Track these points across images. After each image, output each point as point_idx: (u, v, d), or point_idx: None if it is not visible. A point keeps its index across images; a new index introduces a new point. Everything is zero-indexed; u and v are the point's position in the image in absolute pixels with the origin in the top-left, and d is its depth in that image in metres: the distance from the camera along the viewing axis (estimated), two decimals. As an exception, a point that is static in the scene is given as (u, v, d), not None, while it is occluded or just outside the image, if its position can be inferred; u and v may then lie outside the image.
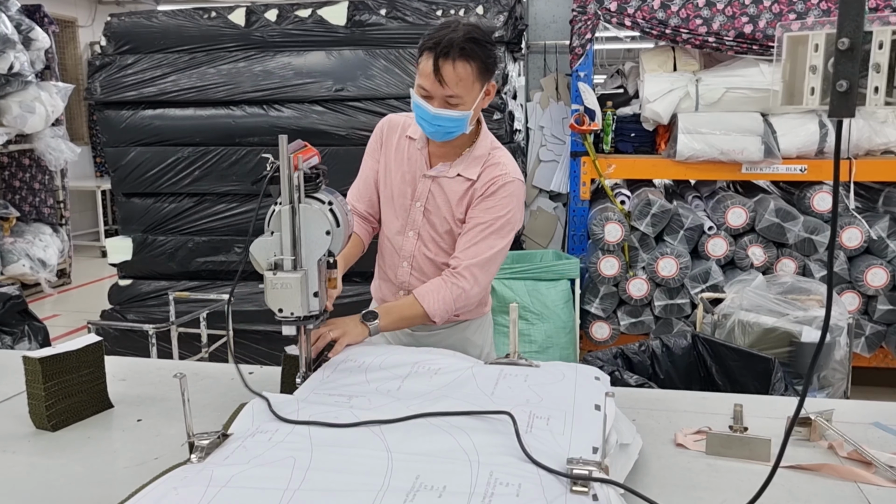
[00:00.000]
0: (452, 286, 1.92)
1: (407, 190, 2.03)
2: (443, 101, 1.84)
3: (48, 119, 6.70)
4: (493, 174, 1.96)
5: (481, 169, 1.97)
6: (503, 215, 1.95)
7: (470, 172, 1.97)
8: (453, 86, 1.81)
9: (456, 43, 1.78)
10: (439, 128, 1.88)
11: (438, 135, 1.91)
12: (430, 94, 1.85)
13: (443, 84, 1.81)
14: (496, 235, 1.95)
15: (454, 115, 1.85)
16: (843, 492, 1.33)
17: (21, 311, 3.78)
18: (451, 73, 1.80)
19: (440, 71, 1.80)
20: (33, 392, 1.63)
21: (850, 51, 0.85)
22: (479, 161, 1.98)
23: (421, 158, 2.02)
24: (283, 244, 1.55)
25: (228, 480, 1.18)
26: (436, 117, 1.86)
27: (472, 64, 1.81)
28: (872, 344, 4.28)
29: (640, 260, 4.34)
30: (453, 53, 1.78)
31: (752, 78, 4.14)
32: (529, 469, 1.20)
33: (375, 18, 4.45)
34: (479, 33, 1.84)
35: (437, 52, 1.79)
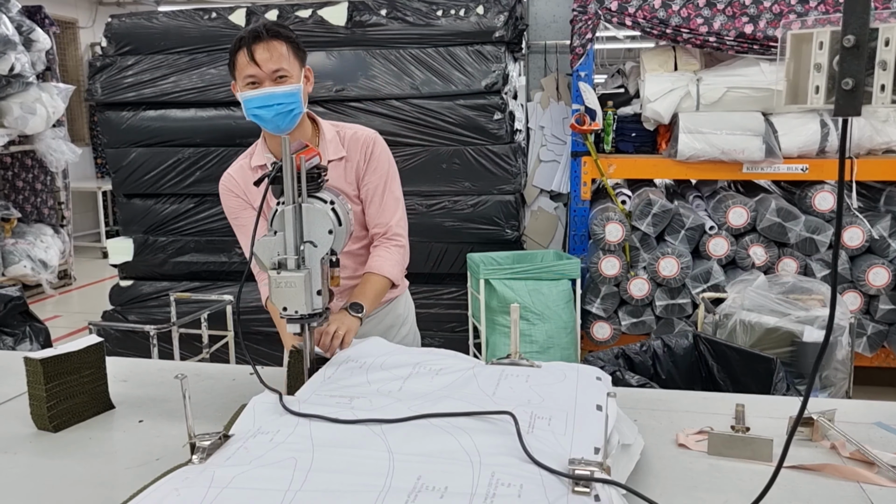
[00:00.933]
0: (396, 248, 2.09)
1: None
2: (272, 80, 1.90)
3: (49, 120, 6.70)
4: (360, 142, 2.07)
5: (343, 144, 2.07)
6: (388, 167, 2.10)
7: (337, 153, 2.05)
8: (275, 61, 1.89)
9: (262, 27, 1.90)
10: (279, 107, 1.91)
11: (281, 118, 1.93)
12: (257, 78, 1.90)
13: (263, 63, 1.88)
14: (394, 186, 2.11)
15: (288, 90, 1.91)
16: (845, 492, 1.32)
17: (22, 313, 3.78)
18: (268, 52, 1.89)
19: (257, 53, 1.88)
20: (35, 393, 1.63)
21: (856, 48, 0.84)
22: (335, 141, 2.06)
23: None
24: (286, 243, 1.56)
25: (230, 481, 1.18)
26: (271, 96, 1.90)
27: (283, 42, 1.91)
28: (874, 344, 4.27)
29: (642, 260, 4.34)
30: (263, 35, 1.88)
31: (753, 77, 4.14)
32: (531, 470, 1.20)
33: (376, 19, 4.45)
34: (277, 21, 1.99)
35: (249, 40, 1.89)
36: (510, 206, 4.42)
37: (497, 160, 4.35)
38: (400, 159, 4.40)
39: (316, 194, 1.61)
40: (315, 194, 1.61)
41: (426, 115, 4.34)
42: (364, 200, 2.09)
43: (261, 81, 1.90)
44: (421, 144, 4.40)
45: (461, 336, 4.50)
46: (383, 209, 2.08)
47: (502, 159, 4.36)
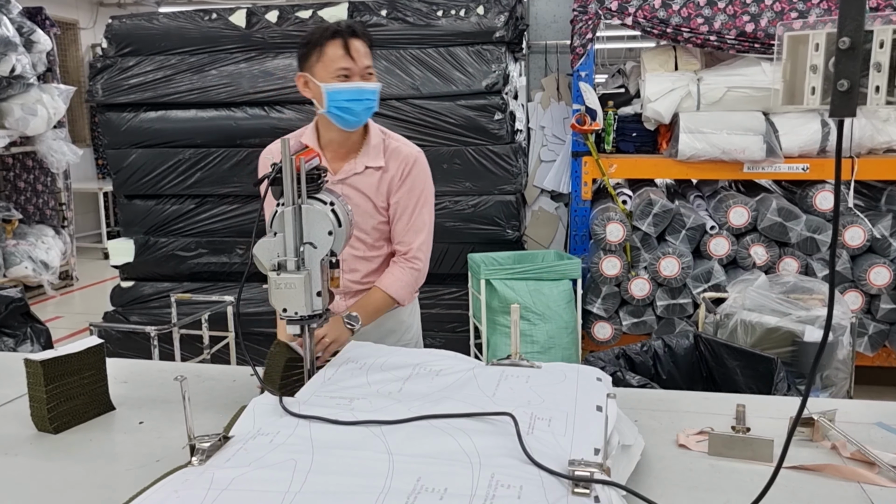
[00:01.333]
0: (411, 270, 2.09)
1: None
2: (363, 75, 1.96)
3: (50, 121, 6.71)
4: (401, 157, 2.08)
5: (385, 155, 2.08)
6: (423, 189, 2.10)
7: (376, 161, 2.06)
8: (366, 58, 1.97)
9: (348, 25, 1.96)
10: (367, 102, 1.97)
11: (366, 112, 2.00)
12: (350, 72, 1.94)
13: (358, 59, 1.94)
14: (425, 210, 2.11)
15: (376, 87, 1.99)
16: (845, 492, 1.32)
17: (23, 314, 3.78)
18: (361, 48, 1.95)
19: (352, 48, 1.93)
20: (35, 395, 1.63)
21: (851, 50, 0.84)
22: (379, 149, 2.08)
23: None
24: (286, 245, 1.57)
25: (229, 483, 1.18)
26: (363, 91, 1.96)
27: (367, 42, 1.99)
28: (875, 343, 4.27)
29: (642, 260, 4.34)
30: (357, 33, 1.95)
31: (754, 77, 4.13)
32: (531, 471, 1.20)
33: (376, 19, 4.45)
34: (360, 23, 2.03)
35: (344, 32, 1.93)
36: (511, 207, 4.42)
37: (498, 160, 4.36)
38: (400, 160, 4.41)
39: (316, 195, 1.61)
40: (315, 195, 1.61)
41: (426, 115, 4.34)
42: (392, 216, 2.10)
43: (353, 75, 1.95)
44: (421, 145, 4.32)
45: (462, 336, 4.50)
46: (409, 229, 2.09)
47: (503, 159, 4.36)
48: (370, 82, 1.97)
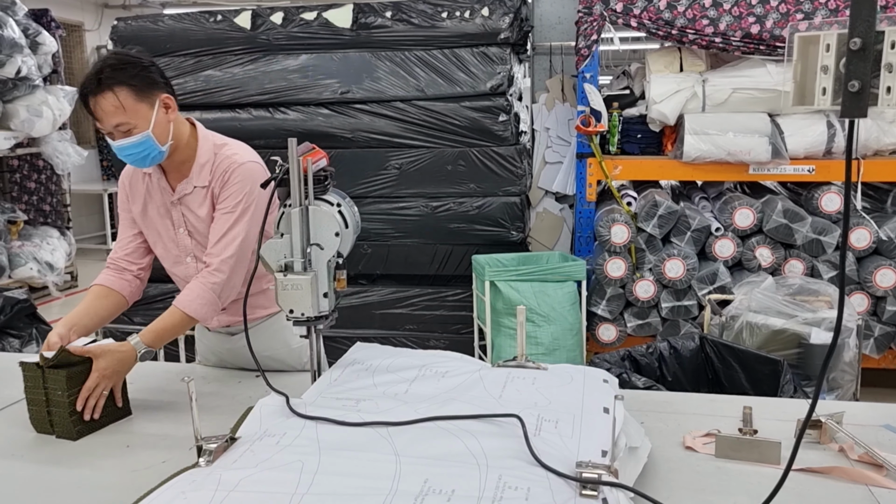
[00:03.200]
0: (211, 286, 1.90)
1: (166, 221, 2.05)
2: (118, 133, 1.85)
3: (55, 123, 6.73)
4: (222, 168, 1.97)
5: (212, 172, 1.98)
6: (241, 199, 1.94)
7: (203, 180, 1.98)
8: (111, 117, 1.82)
9: (93, 78, 1.80)
10: (132, 156, 1.89)
11: (140, 163, 1.92)
12: (105, 130, 1.87)
13: (101, 120, 1.84)
14: (241, 222, 1.93)
15: (135, 141, 1.86)
16: (853, 495, 1.32)
17: (29, 315, 3.79)
18: (102, 109, 1.82)
19: (94, 110, 1.83)
20: (34, 398, 1.62)
21: (862, 51, 0.84)
22: (208, 165, 1.98)
23: (164, 188, 2.03)
24: (293, 246, 1.56)
25: (237, 484, 1.18)
26: (121, 149, 1.87)
27: (118, 91, 1.81)
28: (882, 345, 4.26)
29: (647, 261, 4.33)
30: (94, 90, 1.80)
31: (759, 78, 4.12)
32: (538, 473, 1.19)
33: (381, 21, 4.45)
34: (117, 59, 1.85)
35: (85, 92, 1.82)
36: (515, 208, 4.41)
37: (502, 162, 4.35)
38: (405, 161, 4.41)
39: (323, 197, 1.61)
40: (322, 197, 1.61)
41: (431, 116, 4.34)
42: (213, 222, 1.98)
43: (110, 133, 1.87)
44: (426, 146, 4.40)
45: (466, 338, 4.49)
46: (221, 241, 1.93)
47: (507, 161, 4.36)
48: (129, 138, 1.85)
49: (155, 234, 2.08)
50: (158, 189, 2.04)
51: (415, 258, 4.55)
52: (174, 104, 1.95)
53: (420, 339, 4.52)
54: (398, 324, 4.59)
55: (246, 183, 1.95)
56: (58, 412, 1.60)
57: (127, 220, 2.13)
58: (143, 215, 2.08)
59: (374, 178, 4.42)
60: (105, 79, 1.80)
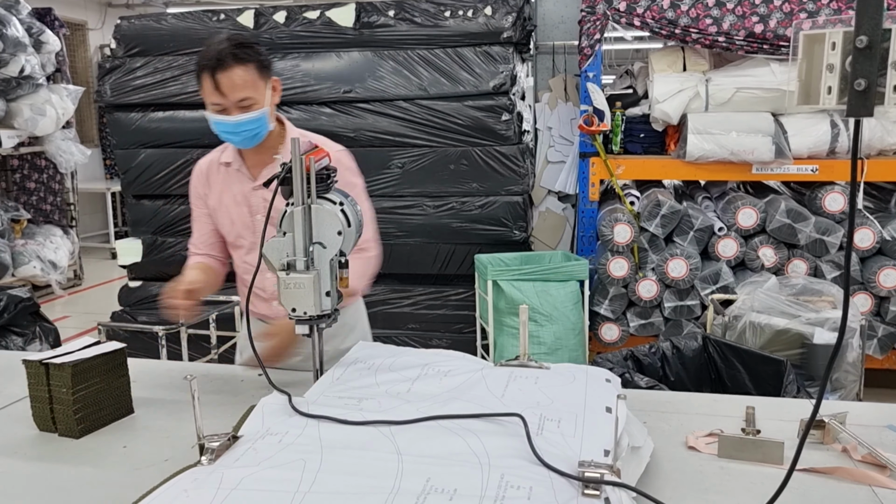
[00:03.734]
0: (366, 260, 2.03)
1: (243, 210, 2.09)
2: (237, 108, 1.91)
3: (59, 122, 6.74)
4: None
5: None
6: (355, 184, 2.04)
7: None
8: (240, 90, 1.89)
9: (225, 52, 1.87)
10: (246, 132, 1.95)
11: (248, 140, 1.98)
12: (223, 105, 1.91)
13: (228, 93, 1.89)
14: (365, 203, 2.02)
15: (253, 117, 1.92)
16: (856, 495, 1.31)
17: (32, 313, 3.80)
18: (231, 81, 1.88)
19: (221, 83, 1.88)
20: (37, 395, 1.62)
21: (869, 49, 0.83)
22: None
23: (243, 177, 2.08)
24: (295, 244, 1.56)
25: (239, 483, 1.18)
26: (238, 124, 1.92)
27: (246, 66, 1.89)
28: (885, 345, 4.25)
29: (650, 261, 4.33)
30: (227, 63, 1.87)
31: (763, 78, 4.12)
32: (541, 472, 1.19)
33: (383, 20, 4.45)
34: (241, 38, 1.93)
35: (213, 66, 1.87)
36: (518, 207, 4.41)
37: (505, 161, 4.35)
38: (408, 160, 4.41)
39: (325, 195, 1.61)
40: (324, 195, 1.61)
41: (434, 115, 4.34)
42: None
43: (227, 110, 1.92)
44: (428, 145, 4.40)
45: (469, 337, 4.49)
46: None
47: (510, 160, 4.36)
48: (248, 112, 1.92)
49: (228, 222, 2.12)
50: (237, 177, 2.08)
51: (417, 257, 4.55)
52: (279, 89, 2.04)
53: (422, 339, 4.52)
54: (400, 323, 4.59)
55: (350, 167, 2.07)
56: (60, 410, 1.60)
57: (203, 216, 2.19)
58: (219, 205, 2.12)
59: (377, 177, 4.42)
60: (238, 54, 1.88)
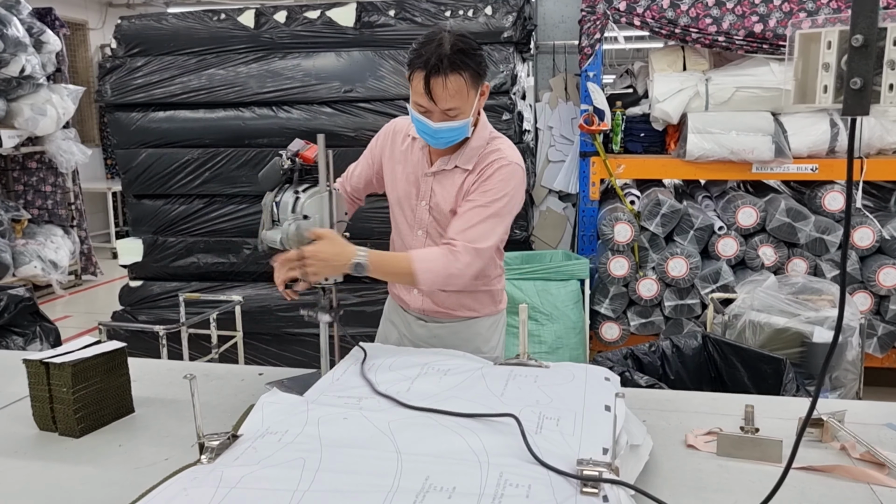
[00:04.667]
0: (451, 262, 1.85)
1: (412, 190, 2.05)
2: (441, 115, 1.84)
3: (59, 121, 6.74)
4: (488, 160, 1.94)
5: (479, 158, 1.96)
6: (499, 198, 1.90)
7: (467, 163, 1.96)
8: (449, 100, 1.81)
9: (445, 57, 1.77)
10: (441, 139, 1.90)
11: (441, 144, 1.93)
12: (428, 109, 1.85)
13: (438, 100, 1.81)
14: (494, 219, 1.90)
15: (455, 126, 1.86)
16: (855, 493, 1.32)
17: (32, 313, 3.80)
18: (444, 89, 1.80)
19: (433, 88, 1.80)
20: (37, 394, 1.63)
21: (864, 48, 0.84)
22: (477, 151, 1.96)
23: (423, 158, 2.03)
24: (322, 224, 1.73)
25: (238, 481, 1.18)
26: (438, 131, 1.86)
27: (463, 75, 1.80)
28: (885, 344, 4.25)
29: (650, 260, 4.33)
30: (444, 69, 1.77)
31: (763, 77, 4.12)
32: (539, 470, 1.20)
33: (384, 19, 4.45)
34: (465, 43, 1.82)
35: (428, 69, 1.78)
36: (518, 207, 4.41)
37: (505, 160, 4.35)
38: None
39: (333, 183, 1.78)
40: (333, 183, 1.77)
41: (434, 115, 4.34)
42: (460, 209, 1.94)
43: (431, 113, 1.85)
44: (429, 145, 4.39)
45: (469, 336, 4.49)
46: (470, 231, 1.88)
47: (510, 160, 4.35)
48: (451, 122, 1.84)
49: (396, 197, 2.09)
50: (417, 158, 2.03)
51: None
52: (487, 92, 1.95)
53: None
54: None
55: (509, 183, 1.92)
56: (61, 409, 1.61)
57: (367, 165, 2.20)
58: (392, 174, 2.09)
59: (377, 176, 4.41)
60: (457, 62, 1.78)
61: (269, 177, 1.78)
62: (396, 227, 2.16)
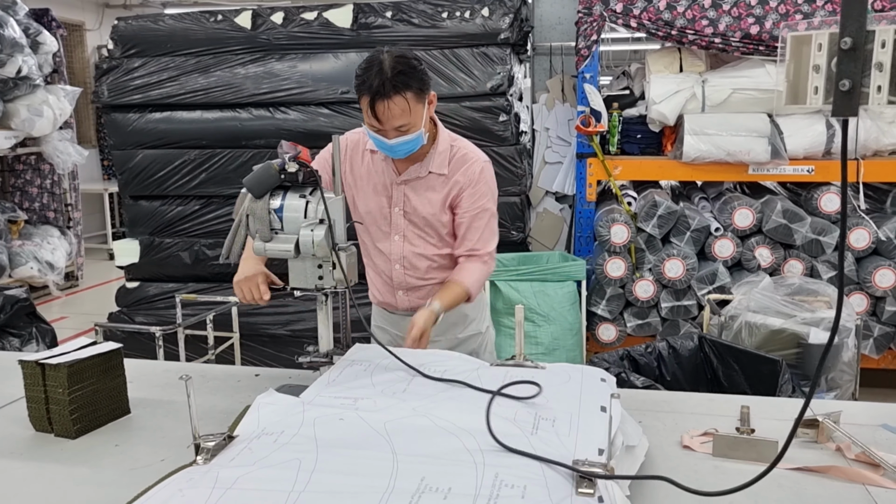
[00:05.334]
0: (488, 269, 2.18)
1: (382, 200, 2.17)
2: (394, 132, 1.96)
3: (56, 122, 6.73)
4: (467, 164, 2.12)
5: (449, 163, 2.12)
6: (489, 197, 2.16)
7: (440, 168, 2.12)
8: (396, 119, 1.92)
9: (386, 81, 1.87)
10: (402, 151, 2.02)
11: (400, 155, 2.05)
12: (379, 129, 1.96)
13: (385, 122, 1.92)
14: (493, 218, 2.18)
15: (409, 138, 1.98)
16: (850, 494, 1.32)
17: (29, 314, 3.80)
18: (389, 111, 1.90)
19: (379, 112, 1.90)
20: (33, 395, 1.63)
21: (853, 50, 0.84)
22: (445, 155, 2.12)
23: (388, 168, 2.14)
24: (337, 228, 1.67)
25: (234, 482, 1.18)
26: (394, 146, 1.99)
27: (405, 95, 1.90)
28: (881, 345, 4.26)
29: (647, 261, 4.33)
30: (386, 92, 1.88)
31: (759, 79, 4.13)
32: (535, 471, 1.20)
33: (381, 21, 4.45)
34: (403, 63, 1.91)
35: (372, 94, 1.88)
36: (515, 208, 4.42)
37: (502, 162, 4.36)
38: (405, 161, 4.41)
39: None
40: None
41: (431, 116, 4.34)
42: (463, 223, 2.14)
43: (383, 132, 1.96)
44: (426, 146, 4.39)
45: (466, 338, 4.49)
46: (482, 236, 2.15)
47: (508, 161, 4.36)
48: (404, 136, 1.96)
49: (365, 208, 2.19)
50: (382, 168, 2.14)
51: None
52: (435, 101, 2.06)
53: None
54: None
55: (491, 181, 2.17)
56: (57, 410, 1.61)
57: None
58: (356, 188, 2.19)
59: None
60: (398, 84, 1.89)
61: (262, 182, 1.66)
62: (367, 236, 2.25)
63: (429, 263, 2.20)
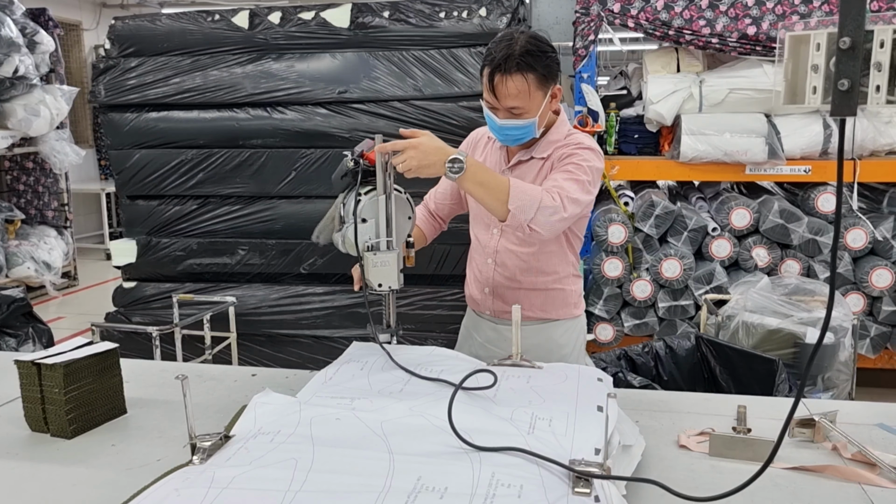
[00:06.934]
0: (545, 195, 1.83)
1: None
2: (506, 113, 1.92)
3: (53, 122, 6.72)
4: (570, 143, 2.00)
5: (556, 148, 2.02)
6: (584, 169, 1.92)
7: (543, 153, 2.04)
8: (512, 99, 1.89)
9: (512, 58, 1.84)
10: (507, 136, 1.99)
11: (508, 141, 2.03)
12: (494, 106, 1.93)
13: (500, 98, 1.89)
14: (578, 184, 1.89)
15: (519, 124, 1.94)
16: (846, 493, 1.32)
17: (25, 314, 3.79)
18: (507, 89, 1.87)
19: (496, 87, 1.88)
20: (29, 395, 1.62)
21: (852, 50, 0.85)
22: (554, 144, 2.03)
23: (501, 156, 2.13)
24: (379, 228, 1.71)
25: (230, 482, 1.18)
26: (502, 128, 1.96)
27: (527, 76, 1.87)
28: (877, 345, 4.27)
29: (644, 261, 4.34)
30: (508, 69, 1.85)
31: (756, 79, 4.13)
32: (531, 470, 1.20)
33: (378, 21, 4.45)
34: (535, 45, 1.88)
35: (493, 67, 1.87)
36: (513, 208, 4.41)
37: (499, 162, 4.36)
38: (402, 161, 4.41)
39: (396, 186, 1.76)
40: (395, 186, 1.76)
41: (429, 116, 4.34)
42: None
43: (497, 111, 1.94)
44: (423, 146, 4.39)
45: (464, 337, 4.49)
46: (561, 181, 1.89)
47: (505, 161, 4.36)
48: (515, 119, 1.91)
49: None
50: (496, 156, 2.13)
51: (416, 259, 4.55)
52: (560, 95, 2.01)
53: (418, 339, 4.52)
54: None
55: (590, 159, 1.95)
56: (52, 410, 1.60)
57: None
58: None
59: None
60: (522, 63, 1.84)
61: (337, 178, 1.79)
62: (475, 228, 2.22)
63: (519, 263, 2.11)
